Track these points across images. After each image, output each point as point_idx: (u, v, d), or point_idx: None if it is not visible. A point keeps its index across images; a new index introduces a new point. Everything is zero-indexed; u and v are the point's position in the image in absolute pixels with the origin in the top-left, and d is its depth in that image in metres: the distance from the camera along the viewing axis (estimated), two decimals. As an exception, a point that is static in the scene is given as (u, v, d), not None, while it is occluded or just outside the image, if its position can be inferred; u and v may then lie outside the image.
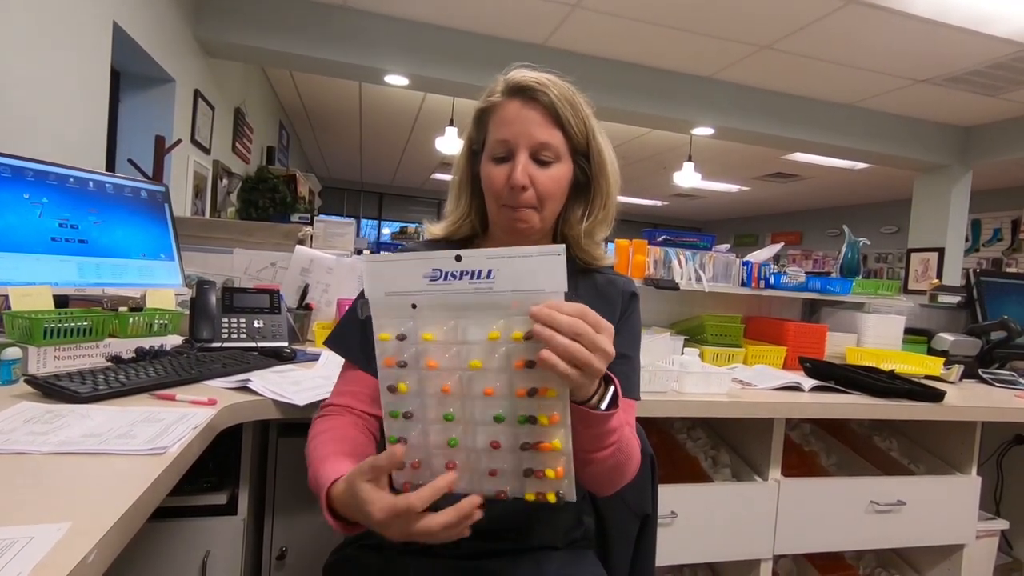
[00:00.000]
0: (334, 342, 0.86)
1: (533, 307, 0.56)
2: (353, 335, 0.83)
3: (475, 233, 0.87)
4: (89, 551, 0.47)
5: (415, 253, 0.59)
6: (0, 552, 0.44)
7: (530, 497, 0.58)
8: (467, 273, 0.58)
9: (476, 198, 0.84)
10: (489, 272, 0.57)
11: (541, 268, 0.57)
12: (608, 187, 0.82)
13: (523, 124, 0.76)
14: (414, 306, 0.59)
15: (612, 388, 0.65)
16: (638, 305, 0.88)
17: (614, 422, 0.66)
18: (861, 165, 5.97)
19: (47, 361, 1.01)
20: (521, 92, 0.77)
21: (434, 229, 0.89)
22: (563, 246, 0.57)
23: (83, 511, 0.53)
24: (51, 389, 0.85)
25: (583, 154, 0.80)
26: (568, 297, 0.57)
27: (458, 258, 0.58)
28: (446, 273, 0.58)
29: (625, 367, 0.82)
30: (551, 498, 0.58)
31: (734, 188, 8.22)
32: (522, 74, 0.78)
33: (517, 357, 0.58)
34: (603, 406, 0.62)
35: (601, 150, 0.80)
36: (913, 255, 4.97)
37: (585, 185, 0.82)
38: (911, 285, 4.83)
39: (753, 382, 1.51)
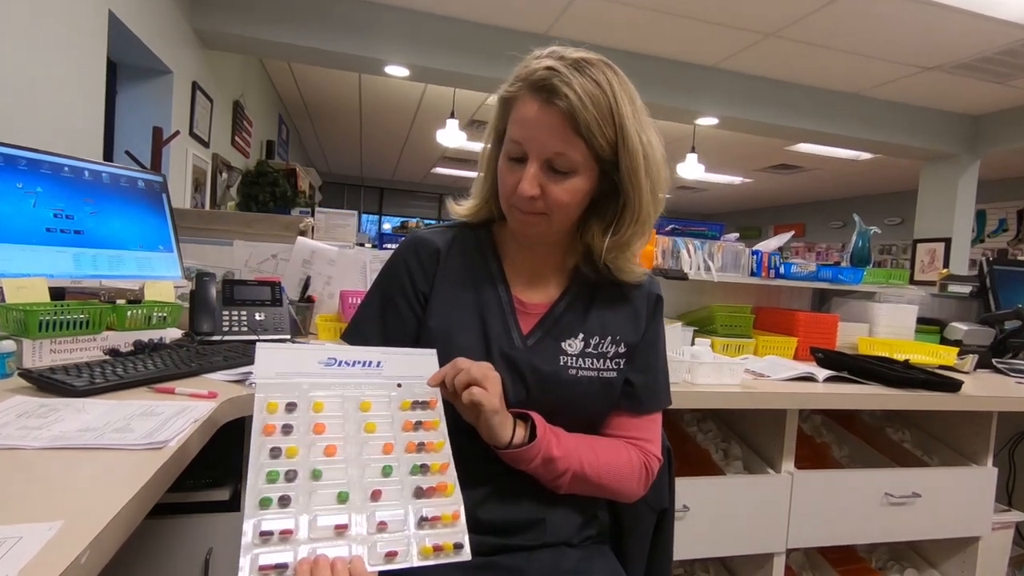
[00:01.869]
0: (353, 337, 0.81)
1: (432, 376, 0.68)
2: (372, 328, 0.80)
3: (492, 218, 0.83)
4: (82, 551, 0.44)
5: (309, 344, 0.70)
6: (-14, 553, 0.41)
7: (427, 551, 0.57)
8: (359, 362, 0.69)
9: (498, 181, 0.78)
10: (379, 363, 0.69)
11: (420, 362, 0.70)
12: (640, 200, 0.72)
13: (537, 130, 0.68)
14: (304, 384, 0.66)
15: (530, 422, 0.70)
16: (662, 308, 0.83)
17: (554, 452, 0.70)
18: (865, 155, 5.92)
19: (43, 355, 0.98)
20: (540, 90, 0.67)
21: (458, 208, 0.84)
22: (434, 351, 0.70)
23: (77, 509, 0.50)
24: (46, 383, 0.82)
25: (611, 162, 0.70)
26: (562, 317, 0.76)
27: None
28: (340, 361, 0.68)
29: (646, 378, 0.80)
30: (449, 548, 0.58)
31: (736, 180, 8.17)
32: (546, 65, 0.68)
33: (405, 419, 0.66)
34: (526, 439, 0.69)
35: (635, 156, 0.69)
36: (919, 245, 4.92)
37: (612, 193, 0.73)
38: (917, 276, 4.79)
39: (765, 373, 1.48)
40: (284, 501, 0.56)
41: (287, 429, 0.61)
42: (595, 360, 0.77)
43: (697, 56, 3.90)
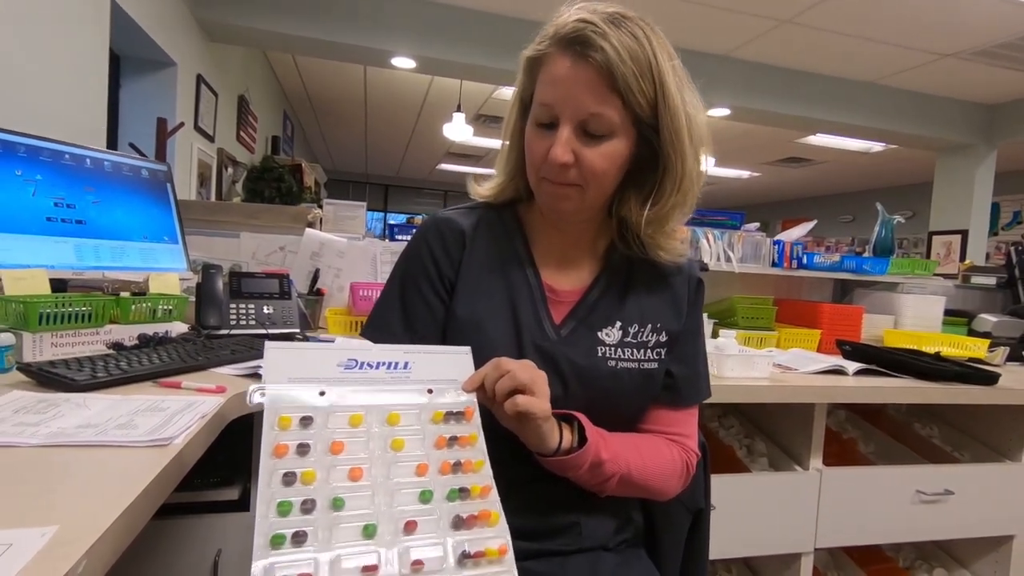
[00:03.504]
0: (374, 331, 0.74)
1: (467, 380, 0.61)
2: (395, 320, 0.73)
3: (519, 197, 0.77)
4: (78, 560, 0.39)
5: (326, 344, 0.61)
6: (-30, 564, 0.37)
7: None
8: (384, 364, 0.61)
9: (524, 155, 0.72)
10: (406, 364, 0.61)
11: (453, 363, 0.63)
12: (683, 165, 0.65)
13: (570, 89, 0.62)
14: (322, 393, 0.58)
15: (576, 424, 0.65)
16: (704, 293, 0.78)
17: (602, 454, 0.64)
18: (877, 147, 5.83)
19: (43, 348, 0.94)
20: (572, 44, 0.62)
21: (480, 190, 0.78)
22: (468, 348, 0.63)
23: (73, 512, 0.45)
24: (45, 377, 0.78)
25: (650, 124, 0.64)
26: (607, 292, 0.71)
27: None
28: (363, 363, 0.60)
29: (687, 369, 0.75)
30: None
31: (745, 174, 8.09)
32: (578, 17, 0.62)
33: (438, 434, 0.58)
34: (575, 444, 0.64)
35: (676, 116, 0.63)
36: (935, 238, 4.84)
37: (651, 160, 0.67)
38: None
39: (792, 366, 1.42)
40: (299, 538, 0.48)
41: (302, 449, 0.53)
42: (635, 350, 0.71)
43: (709, 45, 3.82)
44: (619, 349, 0.70)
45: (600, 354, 0.70)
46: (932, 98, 4.45)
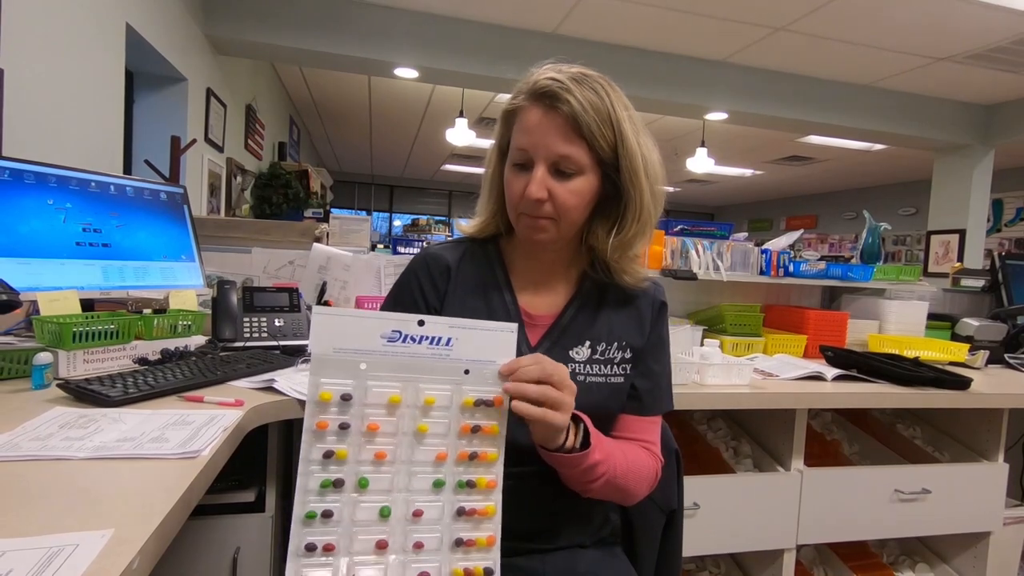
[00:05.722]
0: None
1: (505, 364, 0.62)
2: None
3: (500, 232, 0.86)
4: (133, 558, 0.47)
5: (374, 312, 0.62)
6: (49, 560, 0.45)
7: (458, 574, 0.58)
8: (427, 338, 0.61)
9: (504, 197, 0.81)
10: (448, 340, 0.61)
11: (496, 341, 0.63)
12: (641, 199, 0.75)
13: (542, 135, 0.72)
14: (363, 366, 0.59)
15: (582, 426, 0.71)
16: (666, 315, 0.87)
17: (597, 456, 0.70)
18: (878, 146, 5.85)
19: (76, 365, 1.03)
20: (543, 98, 0.72)
21: (464, 227, 0.88)
22: (515, 325, 0.65)
23: (123, 517, 0.53)
24: (83, 393, 0.86)
25: (612, 164, 0.74)
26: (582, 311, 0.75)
27: (421, 323, 0.61)
28: (406, 336, 0.60)
29: (649, 383, 0.83)
30: (479, 573, 0.58)
31: (747, 172, 8.12)
32: (547, 76, 0.73)
33: (464, 422, 0.61)
34: (578, 446, 0.69)
35: (634, 157, 0.73)
36: (933, 237, 4.88)
37: (615, 196, 0.77)
38: (931, 268, 4.75)
39: (775, 372, 1.50)
40: (327, 515, 0.56)
41: (339, 426, 0.59)
42: (603, 366, 0.80)
43: (706, 51, 3.88)
44: (588, 365, 0.79)
45: (571, 370, 0.78)
46: (927, 100, 4.48)
